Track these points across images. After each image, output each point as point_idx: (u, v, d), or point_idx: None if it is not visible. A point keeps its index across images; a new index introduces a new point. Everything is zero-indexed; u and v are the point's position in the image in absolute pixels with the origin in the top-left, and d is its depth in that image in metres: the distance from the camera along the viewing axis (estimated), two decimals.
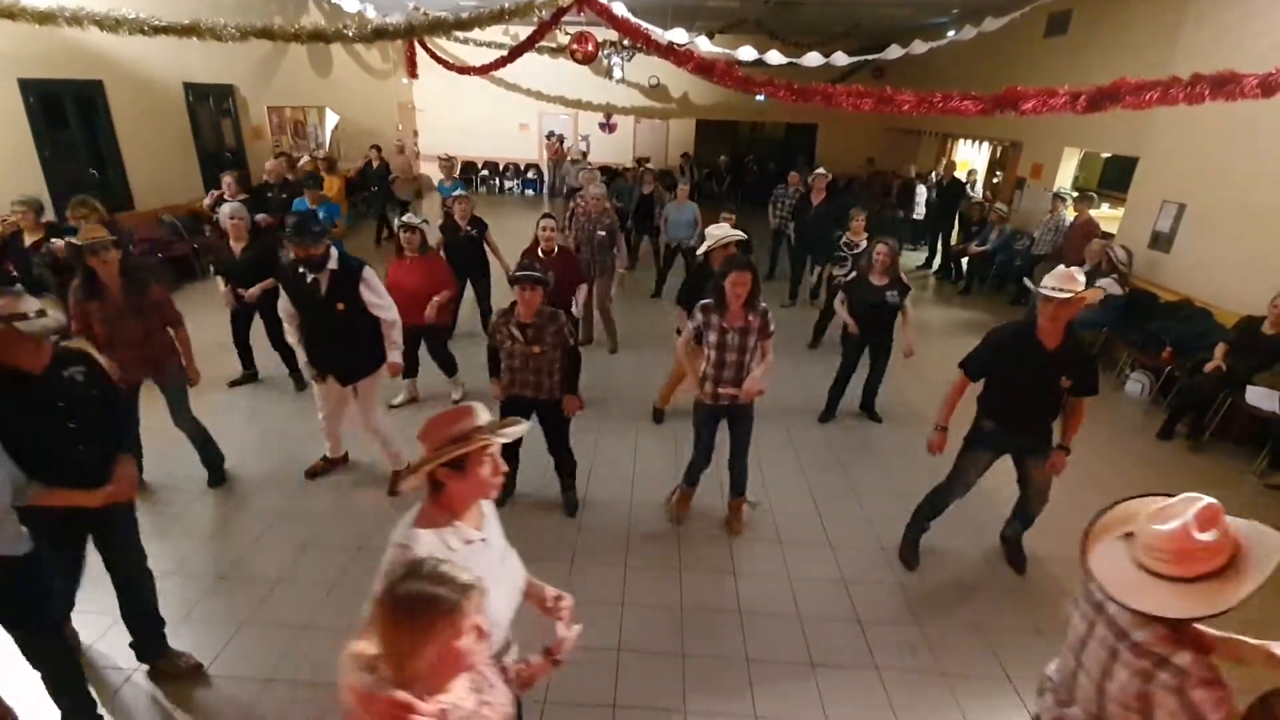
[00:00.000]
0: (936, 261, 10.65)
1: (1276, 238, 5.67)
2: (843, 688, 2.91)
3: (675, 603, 3.36)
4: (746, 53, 9.29)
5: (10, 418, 2.21)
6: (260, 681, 2.80)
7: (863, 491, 4.45)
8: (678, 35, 8.22)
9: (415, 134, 16.35)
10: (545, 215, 5.24)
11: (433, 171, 16.44)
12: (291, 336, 3.94)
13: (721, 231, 4.63)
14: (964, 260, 9.72)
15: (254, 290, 4.96)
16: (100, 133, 7.56)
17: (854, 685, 2.93)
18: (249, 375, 5.62)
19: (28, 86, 6.64)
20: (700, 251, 4.75)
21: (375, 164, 11.00)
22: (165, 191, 8.28)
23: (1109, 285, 6.72)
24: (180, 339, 3.85)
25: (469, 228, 6.11)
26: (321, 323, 3.76)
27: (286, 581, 3.38)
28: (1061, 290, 3.05)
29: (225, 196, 6.51)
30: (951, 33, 9.17)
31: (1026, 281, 6.90)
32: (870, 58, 9.72)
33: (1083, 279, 3.12)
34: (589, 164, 12.11)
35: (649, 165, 10.73)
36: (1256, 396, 5.01)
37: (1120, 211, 8.28)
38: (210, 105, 9.28)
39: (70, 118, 7.23)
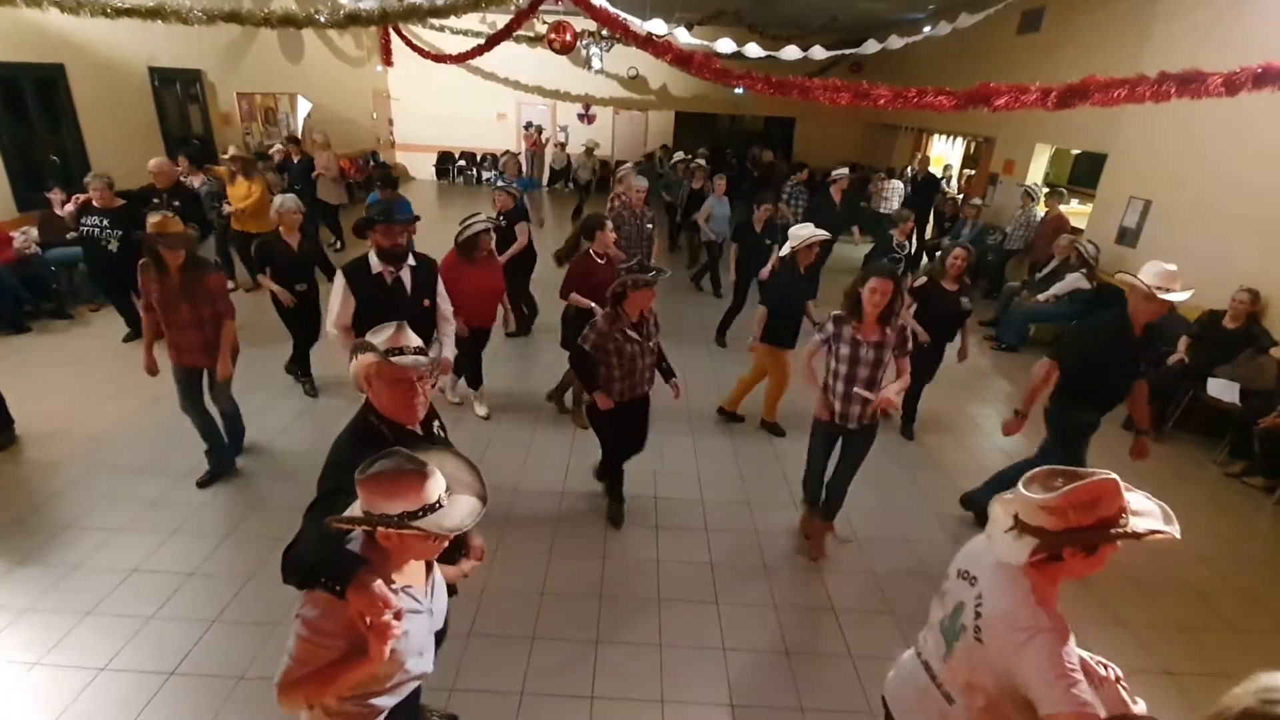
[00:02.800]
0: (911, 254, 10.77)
1: (1237, 234, 5.83)
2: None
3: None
4: (725, 45, 9.29)
5: None
6: (231, 680, 2.76)
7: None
8: (656, 26, 8.20)
9: (390, 123, 16.11)
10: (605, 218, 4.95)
11: (409, 161, 16.34)
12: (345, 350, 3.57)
13: (806, 231, 4.56)
14: (938, 254, 9.83)
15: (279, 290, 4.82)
16: (62, 118, 7.31)
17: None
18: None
19: None
20: (784, 252, 4.65)
21: (297, 159, 9.19)
22: (129, 178, 8.04)
23: (1077, 280, 6.87)
24: (224, 331, 3.83)
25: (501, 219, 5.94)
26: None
27: (258, 578, 3.33)
28: (1170, 291, 3.14)
29: (95, 204, 5.58)
30: (927, 29, 9.24)
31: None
32: (847, 52, 9.78)
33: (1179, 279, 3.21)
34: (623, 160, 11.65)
35: (699, 161, 9.95)
36: (1217, 388, 5.16)
37: (1089, 207, 8.45)
38: (177, 90, 9.02)
39: (30, 102, 6.98)
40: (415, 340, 1.90)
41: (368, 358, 1.85)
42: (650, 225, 6.34)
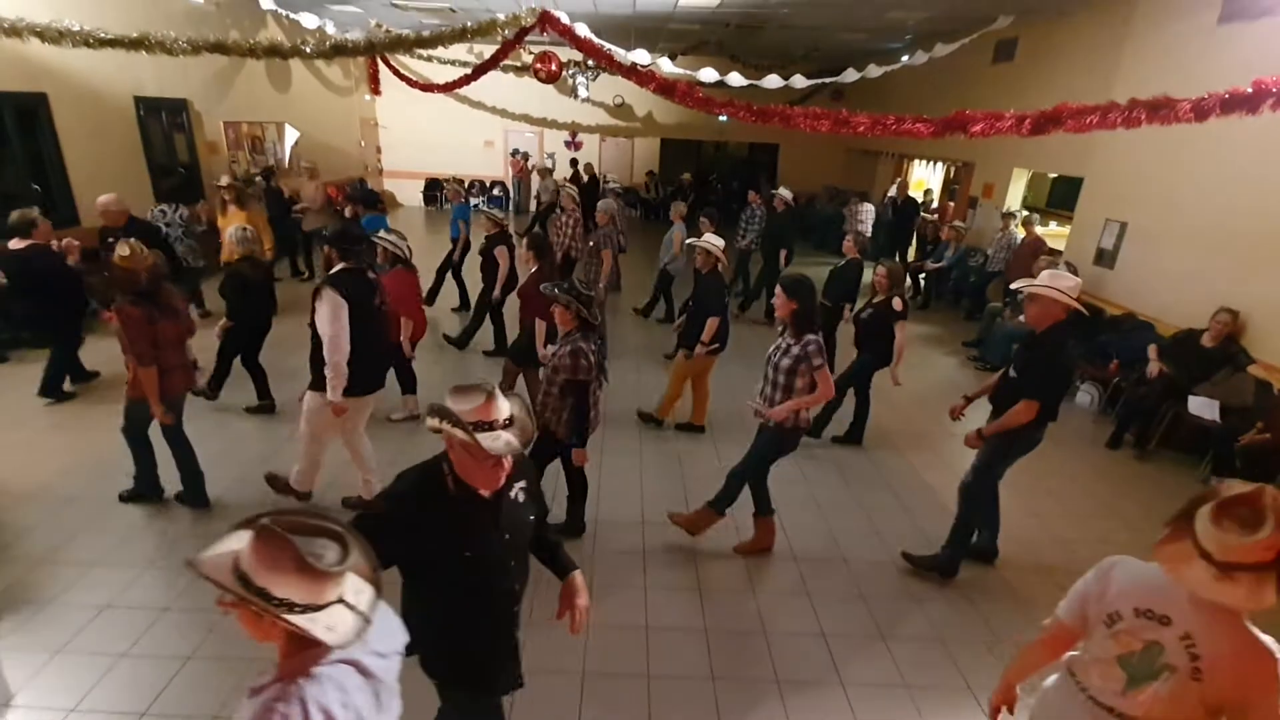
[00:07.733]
0: None
1: (1211, 253, 5.95)
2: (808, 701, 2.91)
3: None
4: (708, 74, 9.43)
5: (450, 552, 1.74)
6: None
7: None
8: (640, 56, 8.31)
9: (379, 150, 16.20)
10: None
11: (397, 188, 16.40)
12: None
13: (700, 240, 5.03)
14: (921, 276, 9.97)
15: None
16: (44, 146, 7.27)
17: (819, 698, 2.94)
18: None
19: None
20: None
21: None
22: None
23: None
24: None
25: None
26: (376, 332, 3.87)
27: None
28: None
29: None
30: (905, 58, 9.48)
31: None
32: (828, 80, 9.98)
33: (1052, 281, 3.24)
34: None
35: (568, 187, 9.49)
36: (1198, 406, 5.22)
37: (1068, 229, 8.61)
38: (162, 119, 9.03)
39: (10, 130, 6.95)
40: (506, 411, 1.68)
41: (456, 433, 1.62)
42: (592, 244, 7.13)
